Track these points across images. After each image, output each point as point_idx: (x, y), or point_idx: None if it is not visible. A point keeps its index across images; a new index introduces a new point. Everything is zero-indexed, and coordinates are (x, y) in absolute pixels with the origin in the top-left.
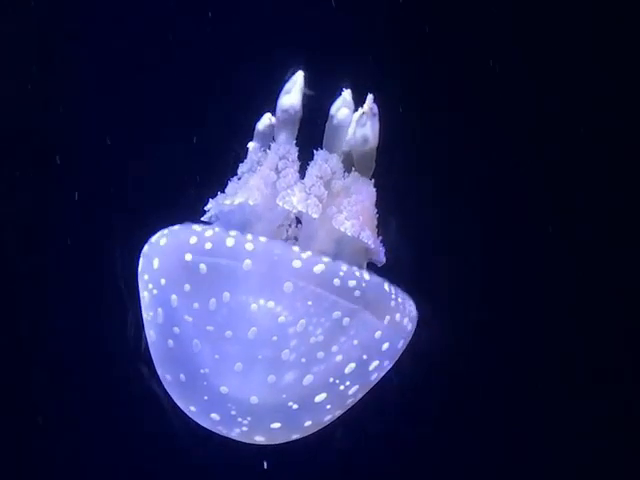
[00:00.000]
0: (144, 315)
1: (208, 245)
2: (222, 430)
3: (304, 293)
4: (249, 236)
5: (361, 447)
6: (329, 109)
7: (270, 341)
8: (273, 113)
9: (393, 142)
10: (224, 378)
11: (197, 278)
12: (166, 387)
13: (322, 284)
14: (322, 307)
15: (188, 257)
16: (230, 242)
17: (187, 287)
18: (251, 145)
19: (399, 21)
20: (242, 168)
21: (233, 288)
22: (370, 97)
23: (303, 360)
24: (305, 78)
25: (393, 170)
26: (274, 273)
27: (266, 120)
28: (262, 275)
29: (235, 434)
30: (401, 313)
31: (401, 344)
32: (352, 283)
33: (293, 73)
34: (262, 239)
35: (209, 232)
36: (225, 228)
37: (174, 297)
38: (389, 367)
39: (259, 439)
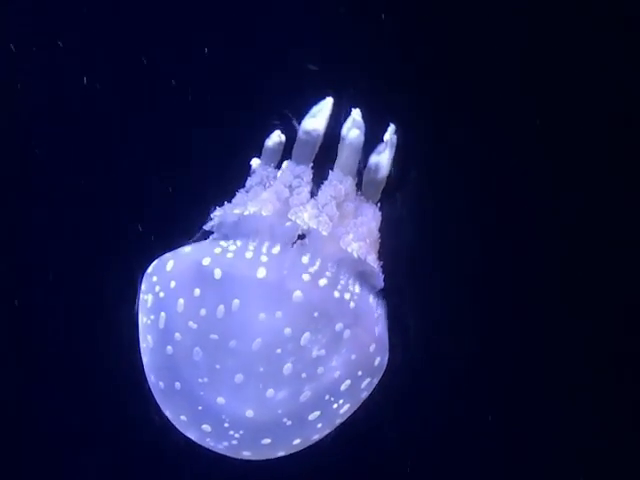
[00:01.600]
0: (142, 320)
1: (230, 254)
2: (210, 442)
3: (311, 305)
4: (264, 247)
5: (358, 446)
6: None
7: (273, 354)
8: (283, 130)
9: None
10: (222, 389)
11: (209, 283)
12: (156, 395)
13: (326, 298)
14: (325, 319)
15: (206, 261)
16: (249, 253)
17: (197, 292)
18: (255, 161)
19: (408, 39)
20: (251, 181)
21: (244, 296)
22: (392, 127)
23: (303, 375)
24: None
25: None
26: (284, 284)
27: (275, 137)
28: (272, 285)
29: (222, 447)
30: (379, 326)
31: (386, 359)
32: (347, 296)
33: (322, 97)
34: (275, 250)
35: (230, 242)
36: (234, 238)
37: (181, 301)
38: (375, 385)
39: (246, 454)
